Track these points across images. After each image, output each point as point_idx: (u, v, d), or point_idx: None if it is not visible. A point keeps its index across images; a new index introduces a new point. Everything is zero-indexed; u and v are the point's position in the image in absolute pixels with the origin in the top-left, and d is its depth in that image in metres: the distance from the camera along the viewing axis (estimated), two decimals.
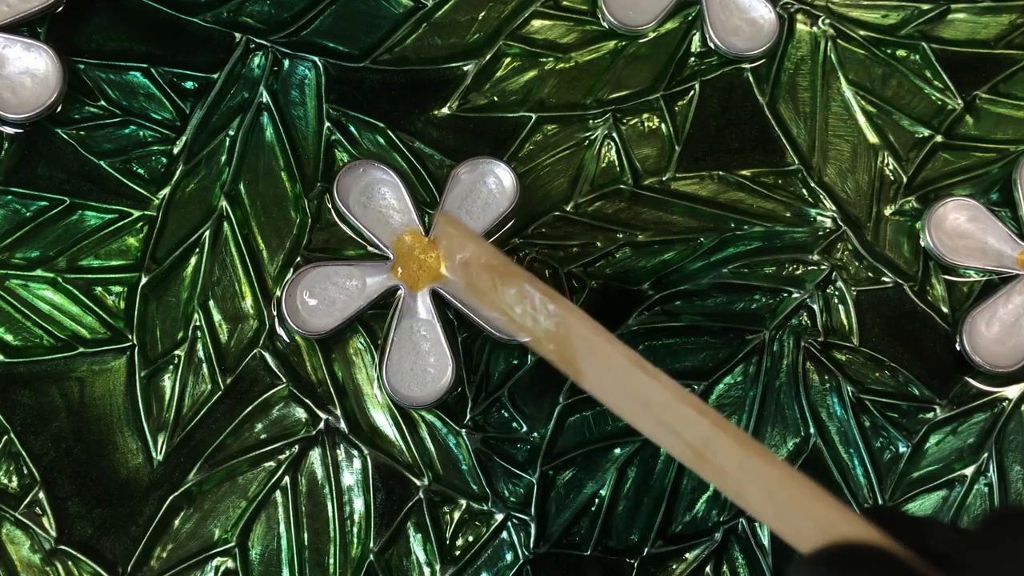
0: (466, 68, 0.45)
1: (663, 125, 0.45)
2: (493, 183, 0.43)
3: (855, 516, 0.30)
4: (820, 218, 0.45)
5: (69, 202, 0.43)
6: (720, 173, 0.45)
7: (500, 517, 0.42)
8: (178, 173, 0.43)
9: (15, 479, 0.41)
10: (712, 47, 0.45)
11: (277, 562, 0.41)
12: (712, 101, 0.45)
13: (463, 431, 0.42)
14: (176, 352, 0.42)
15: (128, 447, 0.42)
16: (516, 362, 0.43)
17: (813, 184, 0.45)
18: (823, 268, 0.44)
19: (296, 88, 0.44)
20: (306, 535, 0.42)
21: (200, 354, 0.42)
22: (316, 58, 0.45)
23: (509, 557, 0.42)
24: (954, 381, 0.44)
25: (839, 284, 0.44)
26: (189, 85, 0.44)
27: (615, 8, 0.45)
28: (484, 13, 0.45)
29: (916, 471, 0.43)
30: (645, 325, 0.43)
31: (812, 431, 0.43)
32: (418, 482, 0.42)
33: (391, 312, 0.42)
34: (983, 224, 0.44)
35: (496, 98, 0.45)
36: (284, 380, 0.42)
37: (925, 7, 0.46)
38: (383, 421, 0.42)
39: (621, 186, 0.44)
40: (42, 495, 0.41)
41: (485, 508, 0.42)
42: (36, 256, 0.43)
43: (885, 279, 0.44)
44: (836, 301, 0.44)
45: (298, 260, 0.43)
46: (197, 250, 0.43)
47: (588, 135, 0.45)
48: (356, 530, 0.42)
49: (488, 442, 0.42)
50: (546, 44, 0.45)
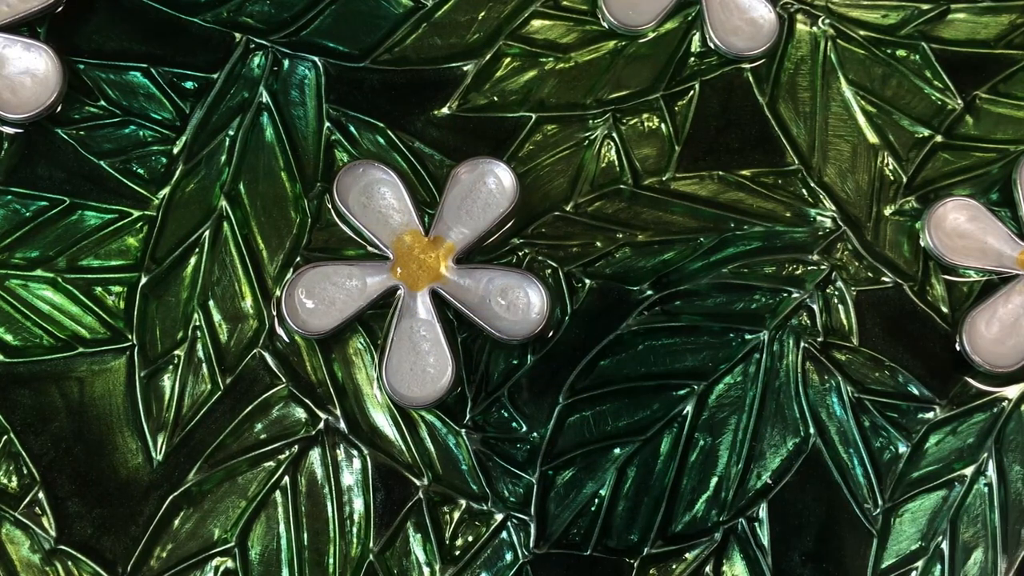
0: (466, 68, 0.45)
1: (663, 125, 0.45)
2: (493, 183, 0.43)
3: None
4: (820, 218, 0.45)
5: (69, 202, 0.43)
6: (720, 173, 0.45)
7: (500, 517, 0.42)
8: (178, 173, 0.43)
9: (15, 479, 0.41)
10: (712, 47, 0.45)
11: (277, 562, 0.41)
12: (712, 101, 0.45)
13: (463, 431, 0.42)
14: (176, 352, 0.42)
15: (128, 447, 0.42)
16: (516, 362, 0.43)
17: (813, 184, 0.45)
18: (823, 268, 0.44)
19: (296, 88, 0.44)
20: (306, 535, 0.42)
21: (200, 354, 0.42)
22: (316, 58, 0.45)
23: (509, 557, 0.42)
24: (954, 381, 0.44)
25: (839, 284, 0.44)
26: (189, 85, 0.44)
27: (615, 8, 0.45)
28: (484, 13, 0.45)
29: (916, 471, 0.43)
30: (645, 325, 0.43)
31: (812, 431, 0.43)
32: (418, 482, 0.42)
33: (391, 312, 0.42)
34: (983, 224, 0.44)
35: (496, 98, 0.45)
36: (284, 380, 0.42)
37: (925, 7, 0.46)
38: (383, 421, 0.42)
39: (621, 186, 0.44)
40: (42, 495, 0.41)
41: (485, 508, 0.42)
42: (36, 256, 0.43)
43: (885, 279, 0.44)
44: (836, 301, 0.44)
45: (298, 260, 0.43)
46: (197, 250, 0.43)
47: (588, 135, 0.45)
48: (356, 530, 0.42)
49: (488, 442, 0.42)
50: (546, 44, 0.45)
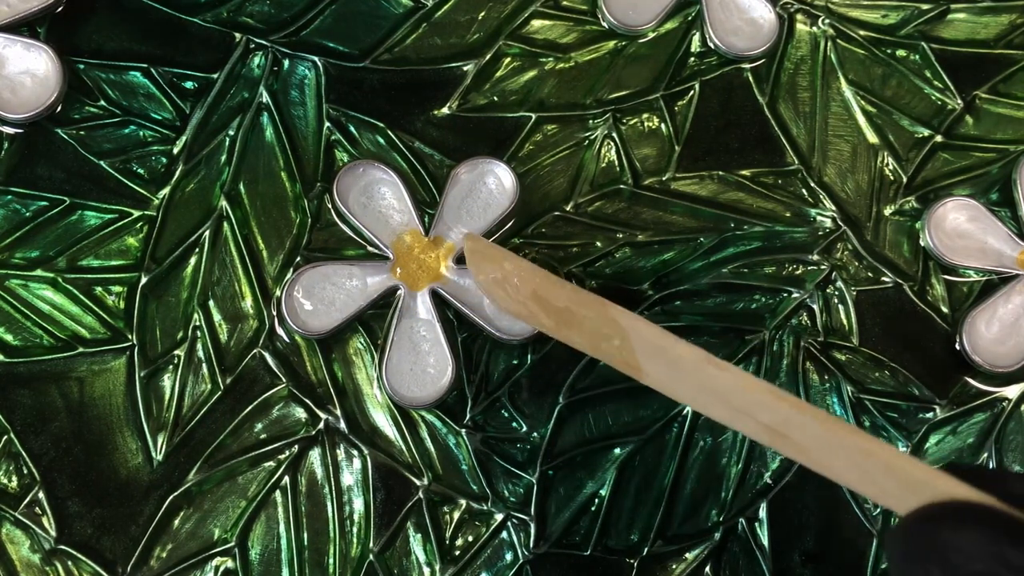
0: (466, 68, 0.45)
1: (663, 125, 0.45)
2: (493, 183, 0.43)
3: (944, 475, 0.31)
4: (820, 218, 0.45)
5: (69, 202, 0.43)
6: (720, 173, 0.45)
7: (500, 517, 0.42)
8: (178, 173, 0.43)
9: (15, 479, 0.41)
10: (712, 47, 0.45)
11: (277, 562, 0.41)
12: (712, 101, 0.45)
13: (463, 431, 0.42)
14: (176, 352, 0.42)
15: (128, 447, 0.42)
16: (516, 362, 0.43)
17: (813, 184, 0.45)
18: (823, 268, 0.44)
19: (296, 88, 0.44)
20: (306, 535, 0.42)
21: (200, 354, 0.42)
22: (316, 58, 0.45)
23: (509, 557, 0.42)
24: (954, 381, 0.44)
25: (839, 284, 0.44)
26: (189, 85, 0.44)
27: (615, 8, 0.45)
28: (484, 13, 0.45)
29: None
30: None
31: None
32: (418, 482, 0.42)
33: (391, 312, 0.42)
34: (983, 224, 0.44)
35: (496, 98, 0.45)
36: (284, 380, 0.42)
37: (925, 7, 0.46)
38: (383, 421, 0.42)
39: (621, 186, 0.44)
40: (42, 495, 0.41)
41: (485, 508, 0.42)
42: (36, 256, 0.43)
43: (885, 279, 0.44)
44: (836, 301, 0.44)
45: (298, 260, 0.43)
46: (197, 250, 0.43)
47: (588, 135, 0.45)
48: (356, 530, 0.42)
49: (488, 442, 0.42)
50: (546, 44, 0.45)
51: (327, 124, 0.44)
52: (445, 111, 0.45)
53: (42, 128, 0.43)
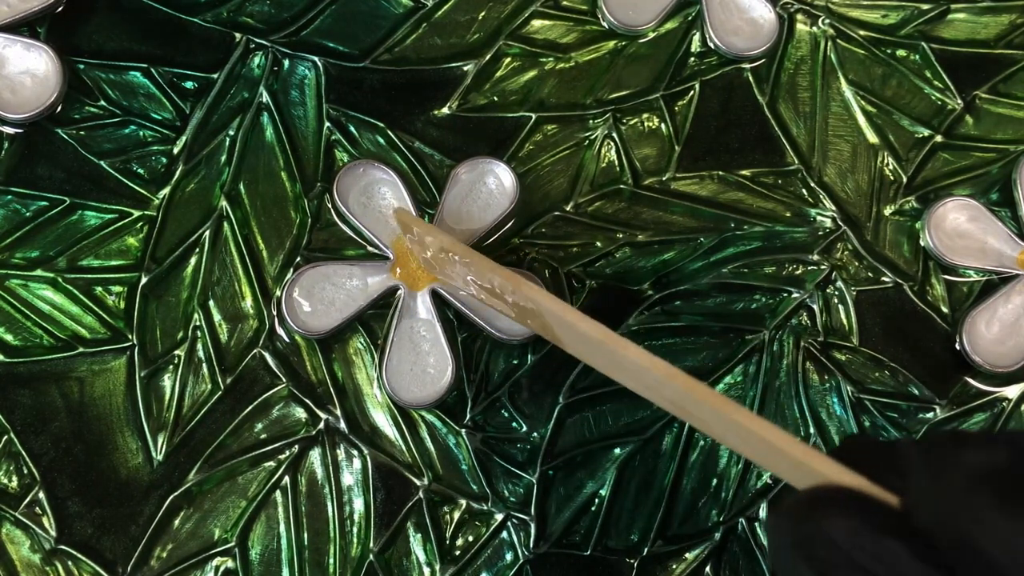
0: (466, 68, 0.45)
1: (663, 125, 0.45)
2: (493, 183, 0.43)
3: (822, 456, 0.30)
4: (820, 218, 0.45)
5: (69, 202, 0.43)
6: (720, 173, 0.45)
7: (500, 517, 0.42)
8: (178, 173, 0.43)
9: (15, 479, 0.41)
10: (712, 47, 0.45)
11: (277, 562, 0.41)
12: (712, 101, 0.45)
13: (463, 431, 0.42)
14: (176, 352, 0.42)
15: (128, 447, 0.42)
16: (516, 362, 0.43)
17: (813, 184, 0.45)
18: (823, 268, 0.44)
19: (296, 88, 0.44)
20: (306, 535, 0.42)
21: (200, 354, 0.42)
22: (316, 58, 0.45)
23: (509, 557, 0.42)
24: (954, 381, 0.44)
25: (839, 284, 0.44)
26: (189, 85, 0.44)
27: (615, 8, 0.45)
28: (484, 13, 0.45)
29: None
30: (645, 325, 0.43)
31: (812, 431, 0.43)
32: (418, 482, 0.42)
33: (391, 312, 0.42)
34: (983, 224, 0.44)
35: (496, 98, 0.45)
36: (284, 380, 0.42)
37: (925, 7, 0.46)
38: (383, 421, 0.42)
39: (621, 186, 0.44)
40: (42, 495, 0.41)
41: (485, 508, 0.42)
42: (36, 256, 0.43)
43: (885, 279, 0.44)
44: (836, 301, 0.44)
45: (298, 260, 0.43)
46: (197, 250, 0.43)
47: (588, 135, 0.45)
48: (356, 530, 0.42)
49: (488, 442, 0.42)
50: (546, 44, 0.45)
51: (327, 124, 0.44)
52: (445, 111, 0.45)
53: (42, 128, 0.43)
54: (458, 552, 0.42)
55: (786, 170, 0.45)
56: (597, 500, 0.42)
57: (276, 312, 0.42)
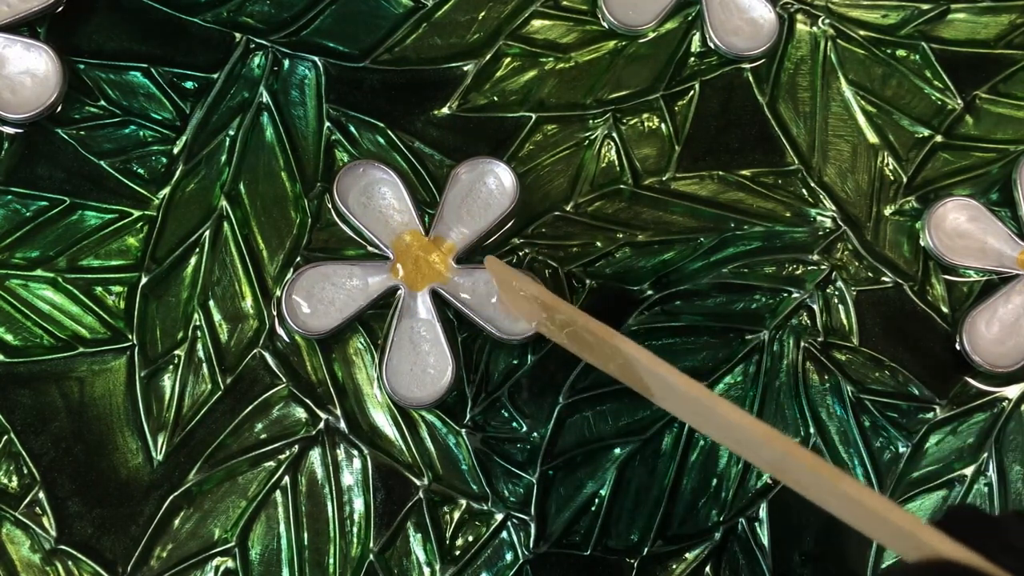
0: (466, 68, 0.45)
1: (663, 125, 0.45)
2: (493, 183, 0.43)
3: (928, 528, 0.30)
4: (820, 218, 0.45)
5: (69, 202, 0.43)
6: (720, 173, 0.45)
7: (500, 517, 0.42)
8: (178, 173, 0.43)
9: (15, 479, 0.41)
10: (712, 47, 0.45)
11: (277, 562, 0.41)
12: (712, 101, 0.45)
13: (463, 431, 0.42)
14: (176, 352, 0.42)
15: (128, 447, 0.42)
16: (516, 362, 0.43)
17: (813, 184, 0.45)
18: (823, 268, 0.44)
19: (296, 88, 0.44)
20: (306, 535, 0.42)
21: (200, 354, 0.42)
22: (316, 58, 0.45)
23: (509, 557, 0.42)
24: (954, 381, 0.44)
25: (839, 284, 0.44)
26: (189, 85, 0.44)
27: (615, 8, 0.45)
28: (484, 13, 0.45)
29: (916, 471, 0.43)
30: (645, 325, 0.43)
31: (812, 431, 0.43)
32: (418, 482, 0.42)
33: (391, 312, 0.42)
34: (983, 224, 0.44)
35: (496, 98, 0.45)
36: (284, 380, 0.42)
37: (925, 7, 0.46)
38: (383, 421, 0.42)
39: (621, 186, 0.44)
40: (42, 495, 0.41)
41: (485, 508, 0.42)
42: (36, 256, 0.43)
43: (885, 279, 0.44)
44: (836, 301, 0.44)
45: (298, 260, 0.43)
46: (197, 250, 0.43)
47: (588, 135, 0.45)
48: (356, 530, 0.42)
49: (488, 442, 0.42)
50: (546, 44, 0.45)
51: (327, 124, 0.44)
52: (445, 111, 0.45)
53: (42, 128, 0.43)
54: (458, 552, 0.42)
55: (786, 170, 0.45)
56: (597, 500, 0.42)
57: (276, 312, 0.42)
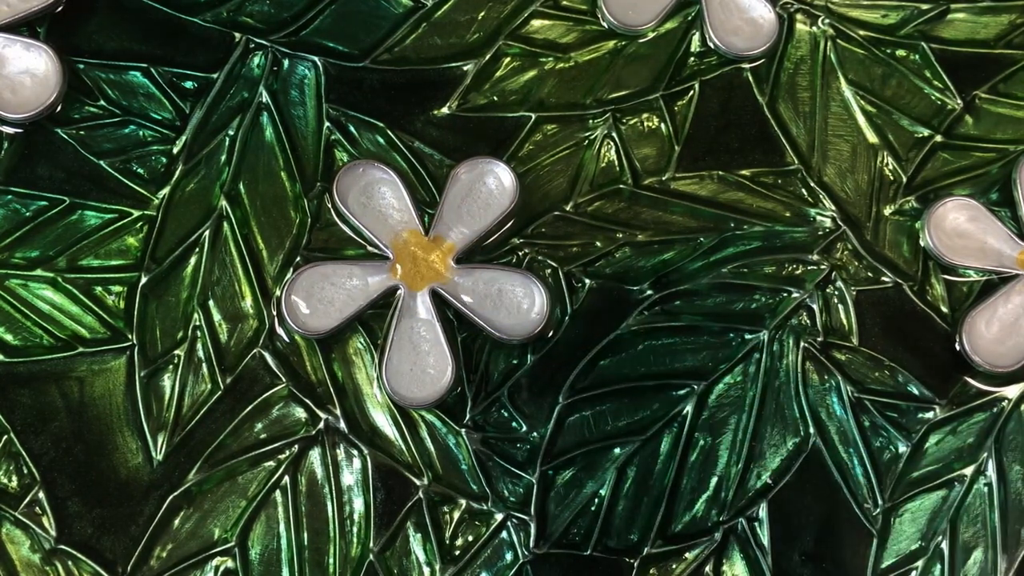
0: (466, 68, 0.45)
1: (663, 125, 0.45)
2: (493, 183, 0.43)
3: None
4: (820, 218, 0.45)
5: (69, 202, 0.43)
6: (720, 173, 0.45)
7: (500, 517, 0.42)
8: (178, 173, 0.43)
9: (15, 479, 0.41)
10: (712, 47, 0.45)
11: (277, 562, 0.41)
12: (712, 101, 0.45)
13: (463, 431, 0.42)
14: (176, 352, 0.42)
15: (128, 447, 0.42)
16: (516, 362, 0.43)
17: (813, 184, 0.45)
18: (823, 268, 0.44)
19: (296, 88, 0.44)
20: (306, 535, 0.42)
21: (200, 354, 0.42)
22: (316, 58, 0.45)
23: (509, 557, 0.42)
24: (954, 381, 0.44)
25: (839, 284, 0.44)
26: (189, 85, 0.44)
27: (615, 8, 0.45)
28: (484, 13, 0.45)
29: (916, 471, 0.43)
30: (645, 325, 0.43)
31: (812, 431, 0.43)
32: (418, 482, 0.42)
33: (391, 312, 0.42)
34: (983, 224, 0.44)
35: (496, 98, 0.45)
36: (284, 380, 0.42)
37: (925, 7, 0.46)
38: (383, 421, 0.42)
39: (621, 186, 0.44)
40: (42, 495, 0.41)
41: (485, 508, 0.42)
42: (36, 256, 0.43)
43: (885, 279, 0.44)
44: (836, 301, 0.44)
45: (298, 260, 0.43)
46: (197, 250, 0.43)
47: (588, 135, 0.45)
48: (356, 530, 0.42)
49: (488, 442, 0.42)
50: (546, 44, 0.45)
51: (327, 124, 0.44)
52: (445, 111, 0.45)
53: (42, 128, 0.43)
54: (458, 552, 0.42)
55: (786, 170, 0.45)
56: (597, 500, 0.42)
57: (276, 312, 0.42)
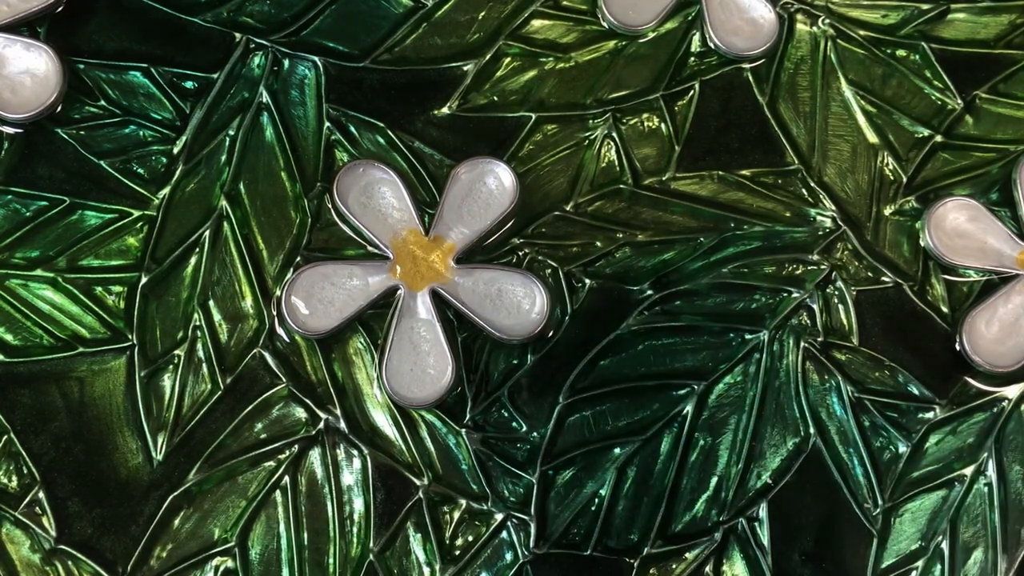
0: (466, 68, 0.45)
1: (663, 125, 0.45)
2: (493, 183, 0.43)
3: None
4: (820, 218, 0.45)
5: (69, 202, 0.43)
6: (720, 173, 0.45)
7: (500, 517, 0.42)
8: (178, 173, 0.43)
9: (15, 479, 0.41)
10: (712, 47, 0.45)
11: (277, 562, 0.41)
12: (712, 101, 0.45)
13: (463, 431, 0.42)
14: (176, 352, 0.42)
15: (128, 447, 0.42)
16: (516, 362, 0.43)
17: (813, 184, 0.45)
18: (823, 268, 0.44)
19: (296, 88, 0.44)
20: (306, 535, 0.42)
21: (200, 354, 0.42)
22: (316, 58, 0.45)
23: (509, 557, 0.42)
24: (954, 381, 0.44)
25: (839, 284, 0.44)
26: (189, 85, 0.44)
27: (615, 8, 0.45)
28: (484, 13, 0.45)
29: (916, 471, 0.43)
30: (645, 325, 0.43)
31: (812, 431, 0.43)
32: (418, 482, 0.42)
33: (391, 312, 0.42)
34: (983, 224, 0.44)
35: (496, 98, 0.45)
36: (284, 380, 0.42)
37: (925, 7, 0.46)
38: (383, 421, 0.42)
39: (621, 186, 0.44)
40: (42, 495, 0.41)
41: (485, 508, 0.42)
42: (36, 256, 0.43)
43: (885, 279, 0.44)
44: (836, 301, 0.44)
45: (298, 260, 0.43)
46: (197, 250, 0.43)
47: (588, 135, 0.45)
48: (356, 530, 0.42)
49: (488, 442, 0.42)
50: (546, 44, 0.45)
51: (327, 124, 0.44)
52: (445, 111, 0.45)
53: (42, 128, 0.43)
54: (458, 552, 0.42)
55: (786, 170, 0.45)
56: (597, 500, 0.42)
57: (276, 312, 0.42)
